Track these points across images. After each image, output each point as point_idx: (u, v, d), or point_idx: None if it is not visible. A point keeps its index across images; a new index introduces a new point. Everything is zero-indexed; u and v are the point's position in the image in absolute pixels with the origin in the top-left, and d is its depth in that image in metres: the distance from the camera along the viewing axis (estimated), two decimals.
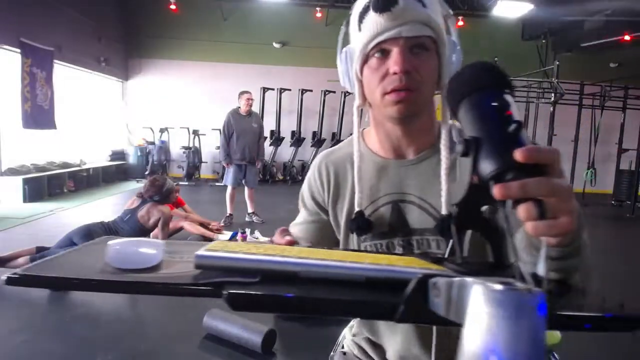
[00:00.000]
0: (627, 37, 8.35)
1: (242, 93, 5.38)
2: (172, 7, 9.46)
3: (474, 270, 0.47)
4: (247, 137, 5.31)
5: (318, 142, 10.03)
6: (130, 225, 3.83)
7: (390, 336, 0.88)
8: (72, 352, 2.34)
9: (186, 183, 8.92)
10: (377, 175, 0.85)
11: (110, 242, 0.53)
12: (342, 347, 1.01)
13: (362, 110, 0.83)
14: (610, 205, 8.68)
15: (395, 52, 0.71)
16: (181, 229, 4.52)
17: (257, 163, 5.54)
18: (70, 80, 8.44)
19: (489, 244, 0.49)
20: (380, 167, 0.85)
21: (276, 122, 10.10)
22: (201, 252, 0.49)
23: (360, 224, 0.80)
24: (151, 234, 3.94)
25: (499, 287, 0.32)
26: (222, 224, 5.12)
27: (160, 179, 4.11)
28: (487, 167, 0.44)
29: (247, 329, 2.38)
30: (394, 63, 0.71)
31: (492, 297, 0.32)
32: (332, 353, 1.04)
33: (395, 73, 0.71)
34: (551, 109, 7.38)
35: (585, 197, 8.83)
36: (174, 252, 0.56)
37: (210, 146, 10.09)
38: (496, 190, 0.42)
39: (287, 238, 0.69)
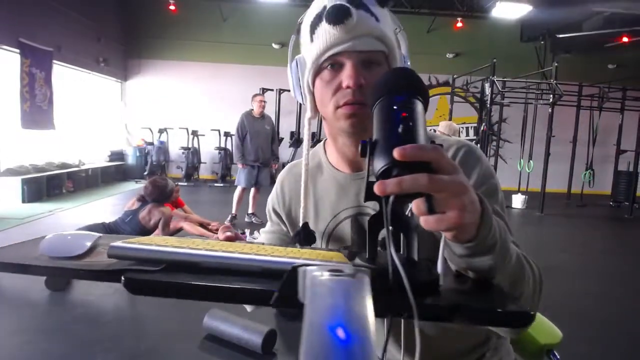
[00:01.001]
0: (625, 39, 8.38)
1: (255, 95, 5.51)
2: (172, 7, 9.48)
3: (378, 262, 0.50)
4: (260, 139, 5.42)
5: (317, 142, 10.03)
6: (132, 227, 3.83)
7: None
8: (73, 352, 2.34)
9: (185, 184, 8.92)
10: (336, 190, 0.85)
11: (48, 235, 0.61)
12: None
13: (312, 121, 0.83)
14: (609, 206, 8.71)
15: (348, 66, 0.70)
16: (181, 229, 4.52)
17: (273, 166, 5.64)
18: (69, 81, 8.44)
19: (404, 239, 0.52)
20: (339, 181, 0.85)
21: (275, 122, 10.10)
22: (115, 243, 0.54)
23: (303, 236, 0.79)
24: (152, 235, 3.95)
25: (326, 274, 0.40)
26: (227, 224, 5.14)
27: (160, 179, 4.11)
28: (377, 165, 0.46)
29: (248, 330, 2.38)
30: (347, 77, 0.70)
31: (319, 281, 0.39)
32: None
33: (348, 87, 0.70)
34: (550, 110, 7.39)
35: (584, 198, 8.87)
36: (106, 245, 0.60)
37: (210, 147, 10.09)
38: (375, 187, 0.44)
39: (227, 234, 0.71)
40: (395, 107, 0.49)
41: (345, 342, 0.32)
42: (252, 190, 5.59)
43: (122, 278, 0.48)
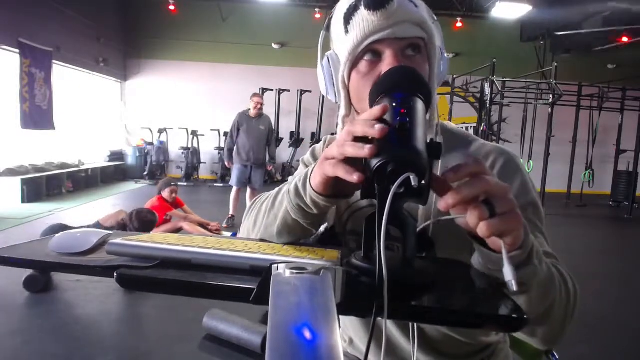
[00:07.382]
0: (625, 39, 8.39)
1: (253, 95, 5.46)
2: (171, 7, 9.48)
3: (371, 261, 0.50)
4: (252, 139, 5.37)
5: (317, 143, 10.04)
6: None
7: (354, 333, 0.91)
8: (72, 352, 2.34)
9: (185, 184, 8.92)
10: None
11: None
12: None
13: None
14: (608, 206, 8.71)
15: (389, 54, 0.65)
16: (181, 229, 4.53)
17: (268, 167, 5.63)
18: (69, 81, 8.43)
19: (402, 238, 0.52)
20: None
21: (275, 122, 10.10)
22: (114, 240, 0.57)
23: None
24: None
25: (288, 271, 0.41)
26: (225, 225, 5.16)
27: (149, 214, 3.93)
28: (372, 161, 0.46)
29: (247, 330, 2.37)
30: (388, 66, 0.64)
31: (282, 279, 0.40)
32: None
33: None
34: (549, 110, 7.40)
35: (583, 198, 8.87)
36: None
37: (209, 147, 10.09)
38: (440, 204, 0.46)
39: None
40: (394, 105, 0.49)
41: (311, 342, 0.32)
42: (248, 191, 5.55)
43: (115, 274, 0.51)
